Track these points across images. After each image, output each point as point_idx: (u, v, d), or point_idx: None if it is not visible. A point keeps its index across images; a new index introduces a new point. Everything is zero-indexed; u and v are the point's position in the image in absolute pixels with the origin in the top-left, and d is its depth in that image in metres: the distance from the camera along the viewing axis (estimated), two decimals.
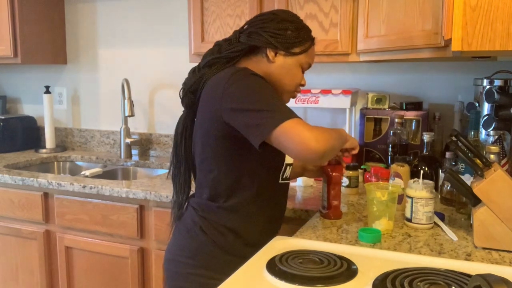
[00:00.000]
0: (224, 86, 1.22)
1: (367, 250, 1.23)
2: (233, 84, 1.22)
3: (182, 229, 1.39)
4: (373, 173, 1.81)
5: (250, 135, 1.19)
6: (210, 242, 1.32)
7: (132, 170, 2.62)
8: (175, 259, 1.37)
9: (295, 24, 1.35)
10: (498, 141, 1.62)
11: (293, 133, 1.13)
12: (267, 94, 1.22)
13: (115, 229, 2.03)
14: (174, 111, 2.67)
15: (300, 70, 1.38)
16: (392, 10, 1.65)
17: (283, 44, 1.32)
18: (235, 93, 1.21)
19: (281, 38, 1.32)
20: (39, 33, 2.69)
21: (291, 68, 1.35)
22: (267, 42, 1.31)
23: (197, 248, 1.33)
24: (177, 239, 1.39)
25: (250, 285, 1.01)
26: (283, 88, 1.37)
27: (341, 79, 2.31)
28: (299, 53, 1.35)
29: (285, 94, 1.39)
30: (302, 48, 1.35)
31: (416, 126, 2.06)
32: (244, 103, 1.20)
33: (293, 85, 1.38)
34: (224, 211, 1.32)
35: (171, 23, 2.59)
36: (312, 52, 1.40)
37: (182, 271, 1.34)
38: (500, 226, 1.24)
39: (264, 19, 1.35)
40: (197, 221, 1.34)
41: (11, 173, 2.25)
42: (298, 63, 1.36)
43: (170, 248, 1.40)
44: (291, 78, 1.36)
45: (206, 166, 1.34)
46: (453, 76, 2.12)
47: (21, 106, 3.12)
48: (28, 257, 2.25)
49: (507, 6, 1.15)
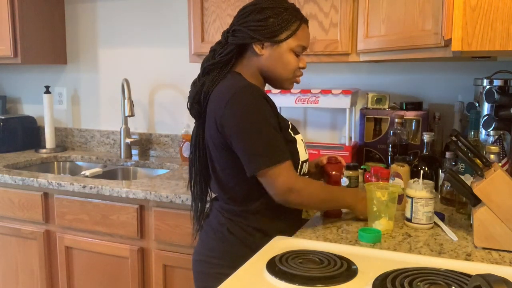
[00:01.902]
0: (225, 108, 1.25)
1: (367, 250, 1.23)
2: (232, 109, 1.25)
3: (209, 231, 1.40)
4: (373, 173, 1.81)
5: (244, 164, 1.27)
6: (238, 242, 1.33)
7: (132, 170, 2.62)
8: (204, 260, 1.38)
9: (276, 9, 1.30)
10: (498, 141, 1.62)
11: (279, 179, 1.24)
12: (264, 129, 1.23)
13: (115, 229, 2.03)
14: (174, 111, 2.67)
15: (293, 55, 1.34)
16: (392, 10, 1.65)
17: (266, 34, 1.30)
18: (234, 121, 1.25)
19: (262, 29, 1.30)
20: (39, 33, 2.69)
21: (281, 56, 1.32)
22: (250, 37, 1.31)
23: (225, 248, 1.34)
24: (204, 241, 1.41)
25: (250, 285, 1.01)
26: (280, 77, 1.35)
27: (341, 79, 2.31)
28: (285, 38, 1.31)
29: (284, 82, 1.37)
30: (288, 33, 1.31)
31: (416, 126, 2.06)
32: (240, 132, 1.25)
33: (289, 72, 1.35)
34: (248, 214, 1.35)
35: (171, 23, 2.59)
36: (303, 33, 1.34)
37: (211, 271, 1.36)
38: (500, 226, 1.24)
39: (245, 12, 1.34)
40: (224, 223, 1.36)
41: (11, 173, 2.25)
42: (288, 49, 1.32)
43: (198, 250, 1.42)
44: (283, 66, 1.34)
45: (224, 175, 1.36)
46: (453, 76, 2.12)
47: (21, 106, 3.12)
48: (28, 257, 2.25)
49: (507, 6, 1.15)
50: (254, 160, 1.24)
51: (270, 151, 1.23)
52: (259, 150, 1.23)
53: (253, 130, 1.24)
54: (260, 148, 1.23)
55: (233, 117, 1.25)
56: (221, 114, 1.26)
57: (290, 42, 1.32)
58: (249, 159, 1.25)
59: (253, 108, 1.25)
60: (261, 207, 1.34)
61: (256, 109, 1.25)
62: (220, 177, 1.37)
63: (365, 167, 1.99)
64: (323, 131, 2.37)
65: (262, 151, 1.23)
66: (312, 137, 2.38)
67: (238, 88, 1.27)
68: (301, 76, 1.41)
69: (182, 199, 1.86)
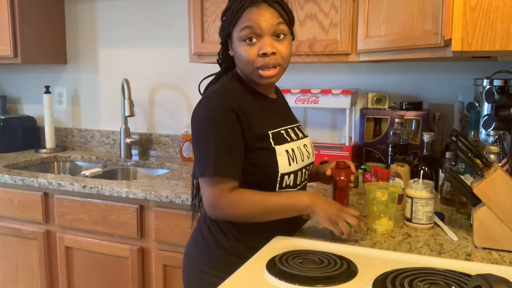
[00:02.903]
0: (195, 107, 1.29)
1: (367, 250, 1.23)
2: (197, 110, 1.28)
3: (197, 226, 1.43)
4: (373, 173, 1.81)
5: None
6: (213, 241, 1.34)
7: (132, 170, 2.62)
8: (188, 253, 1.42)
9: (228, 5, 1.27)
10: (498, 141, 1.62)
11: (205, 192, 1.25)
12: (210, 140, 1.22)
13: (115, 229, 2.03)
14: (174, 111, 2.67)
15: (244, 45, 1.23)
16: (392, 10, 1.65)
17: (223, 35, 1.31)
18: (194, 123, 1.28)
19: (221, 30, 1.31)
20: (39, 33, 2.69)
21: (236, 49, 1.26)
22: (221, 41, 1.34)
23: (203, 245, 1.36)
24: (192, 235, 1.44)
25: (250, 285, 1.01)
26: (246, 73, 1.28)
27: (341, 79, 2.31)
28: (229, 29, 1.25)
29: (253, 77, 1.27)
30: (231, 24, 1.24)
31: (416, 126, 2.06)
32: (194, 136, 1.28)
33: (246, 65, 1.24)
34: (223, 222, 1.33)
35: (171, 23, 2.59)
36: (247, 15, 1.21)
37: (193, 266, 1.38)
38: (500, 226, 1.24)
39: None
40: (207, 220, 1.37)
41: (11, 173, 2.25)
42: (237, 39, 1.24)
43: (187, 243, 1.44)
44: (240, 60, 1.26)
45: None
46: (453, 76, 2.12)
47: (21, 106, 3.12)
48: (28, 257, 2.25)
49: (507, 6, 1.15)
50: (195, 165, 1.29)
51: (201, 162, 1.24)
52: (198, 159, 1.26)
53: (200, 140, 1.25)
54: (199, 158, 1.25)
55: (192, 124, 1.29)
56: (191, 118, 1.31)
57: (236, 32, 1.24)
58: (195, 165, 1.29)
59: (208, 120, 1.24)
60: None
61: (210, 121, 1.23)
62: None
63: (365, 167, 1.99)
64: (323, 131, 2.37)
65: (199, 161, 1.25)
66: (312, 137, 2.35)
67: (207, 96, 1.28)
68: (266, 65, 1.22)
69: (182, 199, 1.86)
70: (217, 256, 1.33)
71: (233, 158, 1.23)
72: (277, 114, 1.37)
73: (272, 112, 1.35)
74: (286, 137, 1.32)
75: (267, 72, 1.24)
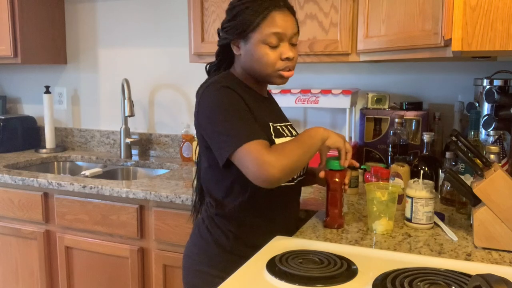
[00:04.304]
0: (199, 101, 1.28)
1: (367, 250, 1.23)
2: (203, 100, 1.26)
3: (195, 227, 1.44)
4: (373, 173, 1.81)
5: (216, 156, 1.24)
6: (213, 241, 1.35)
7: (132, 170, 2.62)
8: (187, 255, 1.42)
9: (242, 5, 1.27)
10: (498, 141, 1.62)
11: (247, 159, 1.16)
12: (228, 114, 1.21)
13: (115, 229, 2.03)
14: (174, 111, 2.67)
15: (266, 47, 1.26)
16: (392, 10, 1.65)
17: (234, 33, 1.29)
18: (205, 113, 1.25)
19: (231, 28, 1.29)
20: (39, 33, 2.69)
21: (253, 51, 1.27)
22: (225, 39, 1.33)
23: (203, 246, 1.37)
24: (191, 236, 1.44)
25: (250, 285, 1.01)
26: (260, 73, 1.30)
27: (341, 79, 2.31)
28: (251, 32, 1.26)
29: (268, 78, 1.31)
30: (254, 26, 1.25)
31: (416, 126, 2.06)
32: (209, 124, 1.24)
33: (267, 65, 1.28)
34: (221, 218, 1.35)
35: (171, 23, 2.59)
36: (273, 20, 1.25)
37: (192, 267, 1.39)
38: (500, 226, 1.24)
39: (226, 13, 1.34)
40: (206, 220, 1.38)
41: (11, 173, 2.25)
42: (259, 41, 1.26)
43: (186, 245, 1.45)
44: (258, 60, 1.28)
45: (205, 176, 1.39)
46: (453, 76, 2.12)
47: (21, 106, 3.12)
48: (28, 257, 2.25)
49: (507, 6, 1.15)
50: (220, 149, 1.21)
51: (232, 135, 1.19)
52: (223, 138, 1.20)
53: (221, 116, 1.22)
54: (224, 136, 1.20)
55: (203, 114, 1.26)
56: (196, 112, 1.29)
57: (258, 35, 1.25)
58: (218, 149, 1.23)
59: (216, 100, 1.24)
60: (232, 213, 1.33)
61: (219, 100, 1.24)
62: (203, 177, 1.40)
63: (365, 167, 1.99)
64: None
65: (226, 138, 1.19)
66: None
67: (206, 87, 1.29)
68: (288, 68, 1.30)
69: (182, 199, 1.86)
70: (216, 255, 1.34)
71: (256, 125, 1.24)
72: (272, 112, 1.43)
73: (267, 109, 1.40)
74: (283, 132, 1.36)
75: (288, 73, 1.31)
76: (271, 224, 1.35)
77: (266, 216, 1.35)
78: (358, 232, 1.40)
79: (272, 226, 1.35)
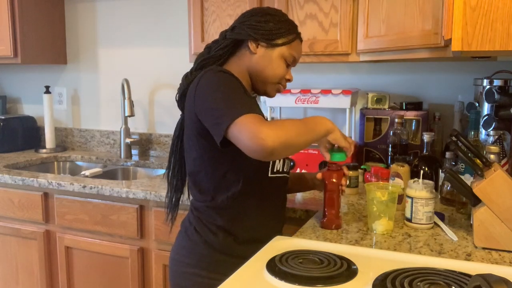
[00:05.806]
0: (196, 86, 1.26)
1: (367, 250, 1.23)
2: (201, 83, 1.25)
3: (182, 229, 1.43)
4: (373, 173, 1.81)
5: (213, 135, 1.20)
6: (202, 241, 1.34)
7: (132, 170, 2.62)
8: (175, 258, 1.40)
9: (277, 17, 1.36)
10: (498, 141, 1.62)
11: (243, 129, 1.12)
12: (227, 91, 1.22)
13: (115, 229, 2.03)
14: (174, 111, 2.65)
15: (283, 62, 1.36)
16: (392, 10, 1.65)
17: (263, 35, 1.33)
18: (203, 92, 1.24)
19: (261, 29, 1.33)
20: (39, 33, 2.69)
21: (273, 59, 1.35)
22: (247, 34, 1.34)
23: (191, 247, 1.36)
24: (177, 239, 1.43)
25: (250, 285, 1.01)
26: (266, 80, 1.37)
27: (341, 79, 2.31)
28: (280, 44, 1.34)
29: (269, 86, 1.38)
30: (284, 40, 1.34)
31: (416, 126, 2.06)
32: (206, 101, 1.22)
33: (276, 77, 1.37)
34: (212, 210, 1.34)
35: (171, 23, 2.59)
36: (296, 46, 1.38)
37: (181, 270, 1.37)
38: (500, 226, 1.24)
39: (247, 14, 1.38)
40: (192, 221, 1.38)
41: (11, 173, 2.25)
42: (280, 55, 1.35)
43: (173, 248, 1.43)
44: (273, 69, 1.35)
45: (194, 167, 1.36)
46: (453, 76, 2.12)
47: (21, 106, 3.12)
48: (28, 257, 2.25)
49: (507, 6, 1.15)
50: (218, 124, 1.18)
51: (230, 108, 1.17)
52: (220, 113, 1.18)
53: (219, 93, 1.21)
54: (221, 111, 1.18)
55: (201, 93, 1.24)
56: (193, 96, 1.26)
57: (284, 49, 1.35)
58: (215, 125, 1.19)
59: (217, 80, 1.25)
60: (224, 204, 1.33)
61: (220, 78, 1.25)
62: (191, 169, 1.37)
63: (365, 167, 1.99)
64: None
65: (223, 112, 1.17)
66: None
67: (208, 68, 1.31)
68: (284, 87, 1.42)
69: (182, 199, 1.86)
70: (206, 256, 1.33)
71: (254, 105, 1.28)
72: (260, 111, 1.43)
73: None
74: None
75: (282, 91, 1.43)
76: (261, 214, 1.36)
77: (257, 206, 1.35)
78: (358, 232, 1.40)
79: (262, 217, 1.36)
